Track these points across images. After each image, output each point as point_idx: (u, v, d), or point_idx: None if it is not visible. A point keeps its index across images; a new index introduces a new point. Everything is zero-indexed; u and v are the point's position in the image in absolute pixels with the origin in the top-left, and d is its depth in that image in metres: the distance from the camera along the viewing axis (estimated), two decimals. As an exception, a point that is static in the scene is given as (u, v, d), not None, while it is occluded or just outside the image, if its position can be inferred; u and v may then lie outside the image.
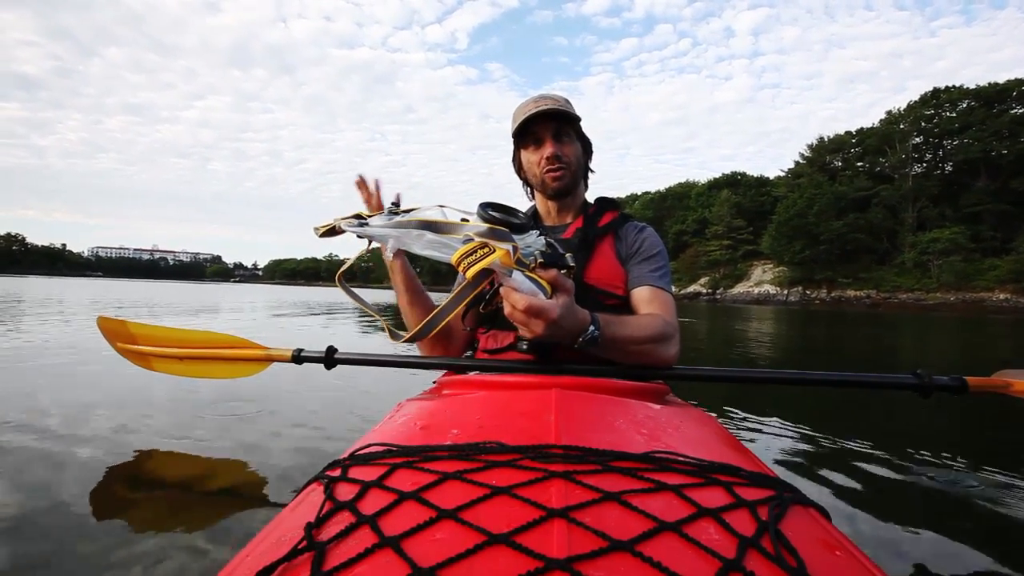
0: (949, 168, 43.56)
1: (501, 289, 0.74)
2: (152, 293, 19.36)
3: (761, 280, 50.97)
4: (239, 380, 1.30)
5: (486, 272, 0.71)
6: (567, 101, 1.16)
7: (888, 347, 7.56)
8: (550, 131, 1.13)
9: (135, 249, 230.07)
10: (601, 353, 0.90)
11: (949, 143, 43.27)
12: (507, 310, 0.74)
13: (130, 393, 2.60)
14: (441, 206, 0.92)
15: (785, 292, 46.58)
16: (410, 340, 0.90)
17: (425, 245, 0.79)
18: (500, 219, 0.76)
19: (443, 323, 0.84)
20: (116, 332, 1.41)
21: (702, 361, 4.96)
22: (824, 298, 43.13)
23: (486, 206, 0.80)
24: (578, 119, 1.16)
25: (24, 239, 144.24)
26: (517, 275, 0.73)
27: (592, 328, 0.83)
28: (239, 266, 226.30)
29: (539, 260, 0.75)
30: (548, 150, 1.12)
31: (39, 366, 3.38)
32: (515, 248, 0.72)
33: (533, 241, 0.77)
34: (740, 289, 51.85)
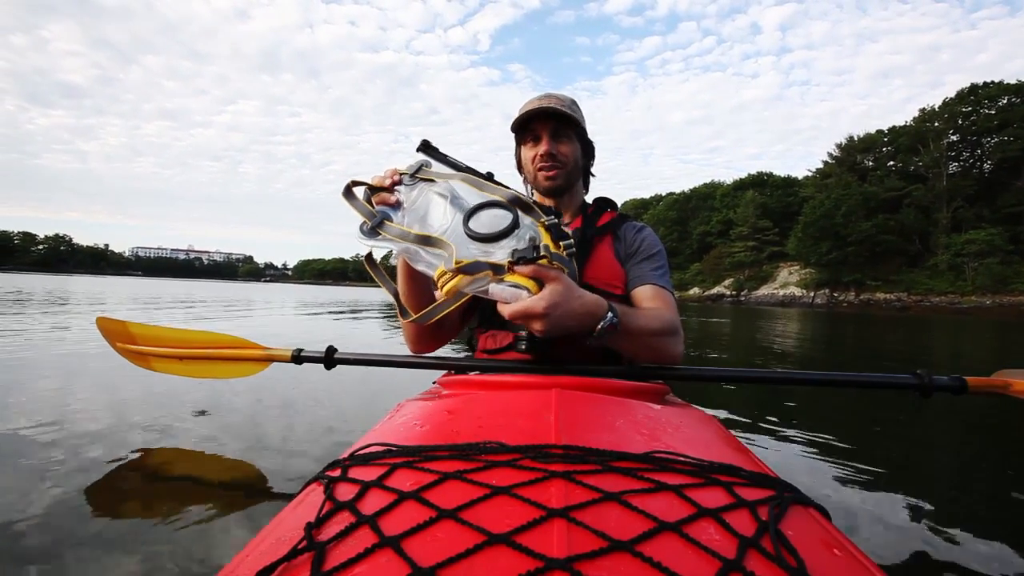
0: (988, 167, 41.85)
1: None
2: (192, 291, 19.74)
3: (787, 282, 50.29)
4: (239, 380, 1.30)
5: (461, 294, 0.76)
6: (573, 103, 1.16)
7: (920, 350, 7.35)
8: (548, 129, 1.13)
9: (172, 249, 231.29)
10: (614, 345, 0.90)
11: (988, 141, 41.64)
12: (506, 317, 0.77)
13: (131, 392, 2.60)
14: (468, 170, 0.94)
15: (811, 294, 45.74)
16: (415, 321, 0.90)
17: (424, 262, 0.82)
18: (482, 235, 0.78)
19: (442, 315, 0.85)
20: (116, 333, 1.40)
21: (725, 363, 4.96)
22: (852, 301, 42.22)
23: (473, 211, 0.81)
24: (579, 121, 1.16)
25: (71, 240, 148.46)
26: (494, 287, 0.75)
27: (611, 315, 0.83)
28: (270, 266, 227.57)
29: (510, 261, 0.75)
30: (544, 147, 1.13)
31: (49, 359, 3.38)
32: (493, 267, 0.75)
33: (522, 236, 0.79)
34: (765, 291, 51.10)
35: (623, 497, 0.42)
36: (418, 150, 0.98)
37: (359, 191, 0.91)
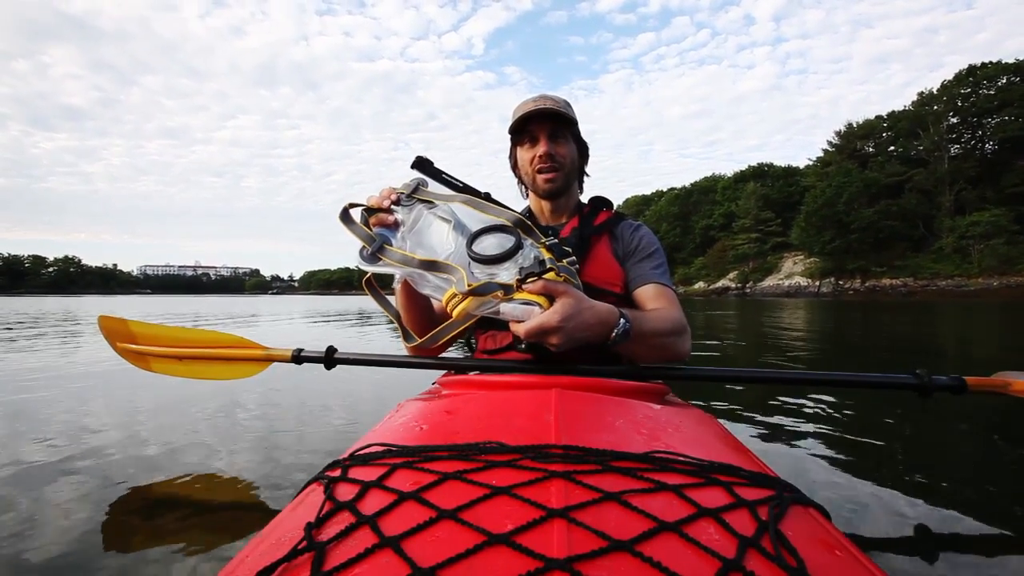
0: (991, 147, 41.21)
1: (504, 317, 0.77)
2: (201, 308, 19.72)
3: (792, 272, 49.96)
4: (238, 381, 1.30)
5: (470, 316, 0.77)
6: (567, 103, 1.16)
7: (927, 338, 7.11)
8: (546, 130, 1.13)
9: (179, 266, 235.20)
10: (626, 350, 0.90)
11: (988, 122, 41.24)
12: (521, 335, 0.77)
13: (131, 392, 2.60)
14: (465, 189, 0.93)
15: (817, 284, 45.40)
16: (420, 345, 0.94)
17: (431, 285, 0.82)
18: (487, 257, 0.78)
19: (450, 336, 0.86)
20: (117, 331, 1.41)
21: (728, 360, 4.95)
22: (858, 288, 41.74)
23: (476, 235, 0.81)
24: (575, 121, 1.17)
25: (80, 261, 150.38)
26: (504, 306, 0.75)
27: (623, 321, 0.83)
28: (276, 278, 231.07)
29: (518, 278, 0.75)
30: (542, 149, 1.13)
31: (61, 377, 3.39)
32: (503, 287, 0.75)
33: (527, 255, 0.79)
34: (770, 282, 50.81)
35: (623, 497, 0.42)
36: (413, 167, 0.96)
37: (356, 213, 0.90)
